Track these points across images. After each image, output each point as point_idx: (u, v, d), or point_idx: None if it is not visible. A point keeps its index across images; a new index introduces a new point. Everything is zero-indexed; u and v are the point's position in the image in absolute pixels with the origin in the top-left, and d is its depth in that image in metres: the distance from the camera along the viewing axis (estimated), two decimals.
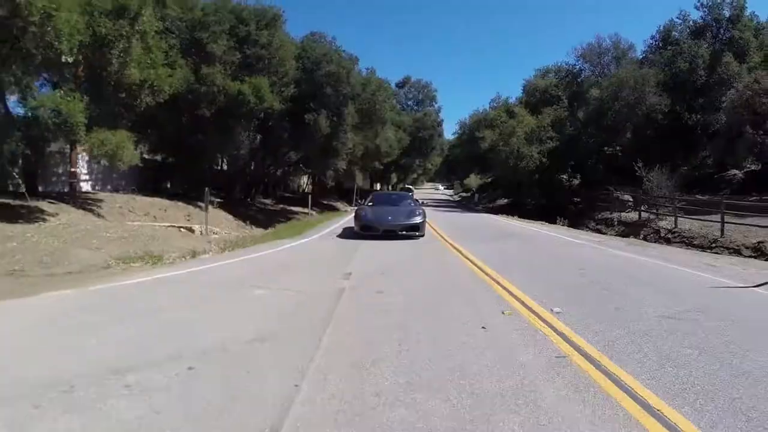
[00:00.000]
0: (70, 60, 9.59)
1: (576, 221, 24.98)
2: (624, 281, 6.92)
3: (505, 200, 36.67)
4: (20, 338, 4.05)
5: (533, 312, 4.77)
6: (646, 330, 4.29)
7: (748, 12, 34.15)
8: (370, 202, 14.91)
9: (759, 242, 14.54)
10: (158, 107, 15.76)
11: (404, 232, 11.91)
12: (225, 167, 25.98)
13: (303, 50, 22.23)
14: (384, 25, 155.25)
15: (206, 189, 13.06)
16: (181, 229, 12.92)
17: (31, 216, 12.30)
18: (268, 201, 30.33)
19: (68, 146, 15.84)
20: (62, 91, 11.75)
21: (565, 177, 32.21)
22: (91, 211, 14.47)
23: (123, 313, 4.82)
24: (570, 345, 3.79)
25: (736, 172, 27.88)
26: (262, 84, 18.58)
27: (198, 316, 4.79)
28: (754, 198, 22.66)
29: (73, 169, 15.11)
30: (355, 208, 19.84)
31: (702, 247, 15.69)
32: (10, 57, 11.05)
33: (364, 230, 12.10)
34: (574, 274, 7.46)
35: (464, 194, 66.09)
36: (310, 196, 23.77)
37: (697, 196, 23.67)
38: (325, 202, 34.94)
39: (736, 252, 14.40)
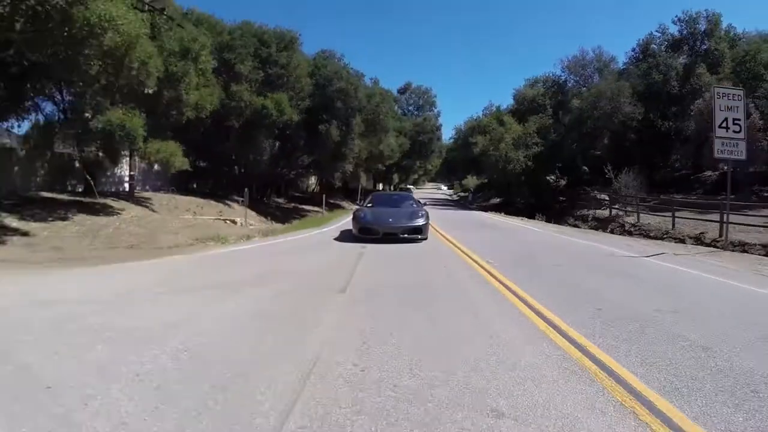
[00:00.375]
0: (151, 92, 12.70)
1: (559, 218, 28.04)
2: (549, 251, 10.08)
3: (498, 199, 39.85)
4: (182, 272, 7.19)
5: (475, 261, 7.94)
6: (536, 269, 7.46)
7: (725, 24, 36.96)
8: (369, 203, 13.96)
9: (700, 233, 17.56)
10: (195, 119, 18.90)
11: (406, 236, 11.37)
12: (243, 170, 29.16)
13: (315, 67, 25.42)
14: (386, 28, 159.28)
15: (246, 190, 16.18)
16: (227, 221, 16.09)
17: (106, 210, 15.48)
18: (281, 200, 33.50)
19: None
20: (123, 109, 14.89)
21: (552, 178, 35.31)
22: (146, 207, 17.65)
23: (232, 264, 7.99)
24: (487, 272, 6.95)
25: (711, 173, 30.83)
26: (283, 99, 21.75)
27: (280, 264, 7.96)
28: (722, 197, 25.72)
29: (132, 173, 18.34)
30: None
31: (656, 238, 18.66)
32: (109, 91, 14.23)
33: (362, 233, 11.56)
34: (517, 247, 10.63)
35: (462, 194, 69.46)
36: (324, 196, 26.94)
37: (673, 195, 26.68)
38: (332, 201, 38.08)
39: (681, 241, 17.34)
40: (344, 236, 13.15)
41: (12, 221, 12.05)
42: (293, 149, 25.85)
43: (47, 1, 7.40)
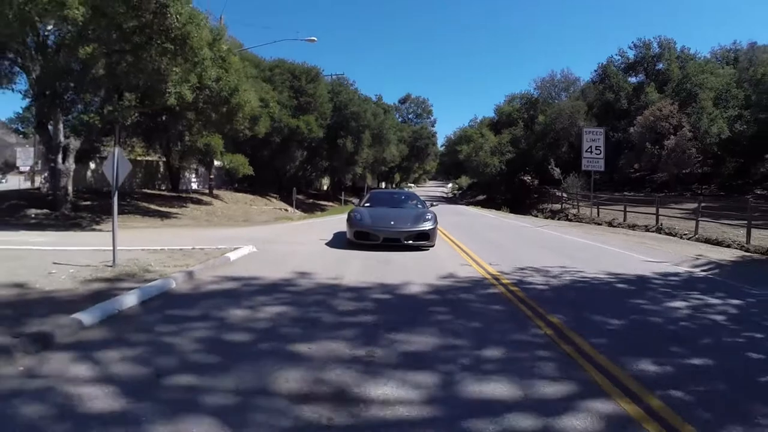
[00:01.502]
0: (242, 127, 19.92)
1: (527, 210, 35.40)
2: (484, 226, 17.43)
3: (483, 196, 47.27)
4: (294, 229, 14.51)
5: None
6: (469, 231, 14.83)
7: (679, 46, 43.57)
8: (366, 202, 12.27)
9: (612, 219, 24.77)
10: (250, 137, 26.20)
11: (411, 242, 9.89)
12: (276, 173, 36.51)
13: (334, 93, 32.74)
14: (390, 43, 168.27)
15: (293, 189, 23.51)
16: (281, 210, 23.45)
17: (202, 202, 22.82)
18: (300, 197, 40.94)
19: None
20: (206, 133, 22.18)
21: (528, 178, 42.55)
22: (221, 200, 25.00)
23: (313, 227, 15.33)
24: (444, 234, 14.31)
25: (662, 174, 37.94)
26: (311, 120, 29.06)
27: (336, 226, 15.29)
28: (662, 194, 33.11)
29: (211, 176, 25.69)
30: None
31: (587, 223, 25.74)
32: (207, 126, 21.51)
33: (358, 238, 10.05)
34: (467, 223, 18.01)
35: (456, 191, 77.35)
36: (343, 193, 34.31)
37: (625, 193, 33.85)
38: (341, 197, 45.71)
39: (598, 225, 24.54)
40: None
41: (155, 207, 19.45)
42: (316, 157, 33.29)
43: (217, 93, 14.62)
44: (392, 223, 10.07)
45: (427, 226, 10.10)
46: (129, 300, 4.76)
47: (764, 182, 34.13)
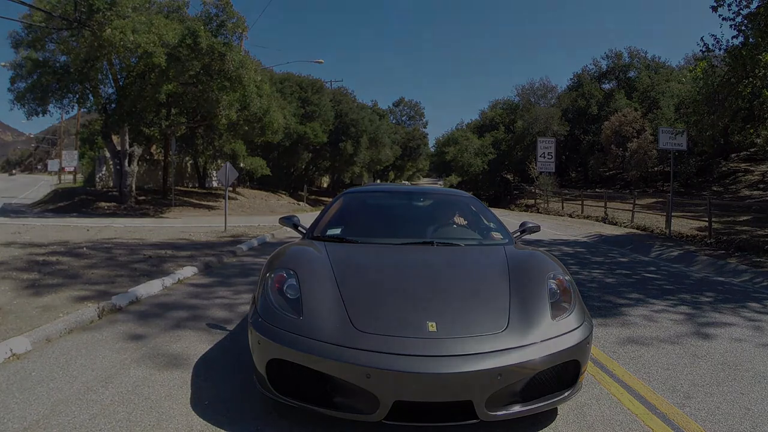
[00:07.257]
0: (272, 138, 24.44)
1: (506, 204, 40.16)
2: None
3: (470, 193, 51.85)
4: (312, 215, 19.13)
5: None
6: None
7: (650, 55, 48.05)
8: (334, 226, 4.09)
9: (573, 211, 29.56)
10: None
11: (502, 412, 2.30)
12: (285, 172, 41.02)
13: (335, 102, 37.24)
14: (385, 50, 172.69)
15: (305, 186, 28.04)
16: (294, 203, 28.04)
17: (229, 198, 27.35)
18: (303, 194, 45.53)
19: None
20: (233, 140, 26.75)
21: (510, 176, 47.23)
22: (242, 196, 29.50)
23: None
24: None
25: (635, 172, 42.60)
26: (316, 127, 33.53)
27: None
28: (627, 191, 37.79)
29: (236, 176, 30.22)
30: None
31: (551, 215, 30.51)
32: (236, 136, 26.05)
33: (288, 391, 2.44)
34: None
35: (449, 188, 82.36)
36: (344, 190, 38.92)
37: (597, 189, 38.60)
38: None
39: (560, 216, 29.31)
40: None
41: (196, 201, 24.01)
42: (320, 158, 37.84)
43: (252, 114, 19.15)
44: (432, 325, 2.44)
45: (569, 328, 2.58)
46: (254, 242, 9.50)
47: (722, 180, 38.91)
